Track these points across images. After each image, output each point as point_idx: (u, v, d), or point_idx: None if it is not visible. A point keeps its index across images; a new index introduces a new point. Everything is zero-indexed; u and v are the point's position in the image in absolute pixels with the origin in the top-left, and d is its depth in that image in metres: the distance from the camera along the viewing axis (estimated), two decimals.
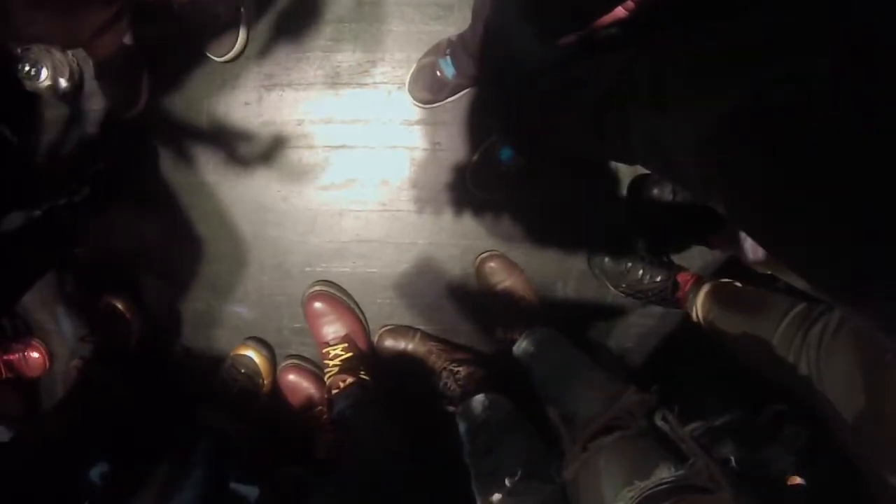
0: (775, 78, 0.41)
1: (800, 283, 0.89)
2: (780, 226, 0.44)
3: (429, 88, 1.19)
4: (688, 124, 0.53)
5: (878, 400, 0.69)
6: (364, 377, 1.23)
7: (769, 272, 1.10)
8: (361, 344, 1.30)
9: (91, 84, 1.22)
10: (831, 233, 0.38)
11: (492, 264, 1.28)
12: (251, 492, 1.24)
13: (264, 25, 1.20)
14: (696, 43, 0.54)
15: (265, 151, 1.27)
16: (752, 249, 1.00)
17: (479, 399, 1.15)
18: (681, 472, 0.64)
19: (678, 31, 0.58)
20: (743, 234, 1.02)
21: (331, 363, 1.25)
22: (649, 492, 0.63)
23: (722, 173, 0.48)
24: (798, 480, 1.18)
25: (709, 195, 0.53)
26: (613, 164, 1.28)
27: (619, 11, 0.67)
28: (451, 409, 1.21)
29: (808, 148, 0.38)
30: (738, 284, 1.15)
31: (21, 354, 1.38)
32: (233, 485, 1.22)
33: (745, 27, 0.48)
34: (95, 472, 1.19)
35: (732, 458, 1.17)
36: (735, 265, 1.20)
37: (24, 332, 1.41)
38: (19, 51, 1.19)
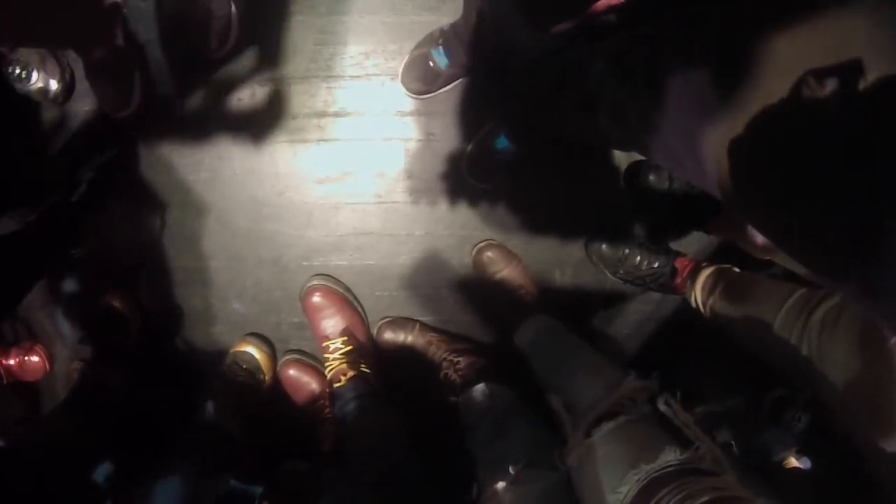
0: None
1: (800, 269, 0.89)
2: (780, 212, 0.44)
3: (422, 79, 1.18)
4: (683, 110, 0.53)
5: (879, 383, 0.69)
6: (365, 370, 1.24)
7: (768, 258, 1.10)
8: (361, 337, 1.30)
9: (83, 85, 1.21)
10: (833, 220, 0.38)
11: (489, 254, 1.28)
12: (253, 490, 1.24)
13: (256, 20, 1.19)
14: (691, 28, 0.54)
15: (259, 146, 1.26)
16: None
17: (479, 388, 1.16)
18: (686, 455, 0.65)
19: (673, 17, 0.58)
20: None
21: (331, 357, 1.25)
22: (656, 474, 0.64)
23: (720, 158, 0.48)
24: (795, 464, 1.20)
25: (706, 181, 0.52)
26: (609, 150, 1.28)
27: None
28: (452, 399, 1.21)
29: (808, 131, 0.38)
30: (737, 270, 1.15)
31: (21, 359, 1.38)
32: (232, 482, 1.22)
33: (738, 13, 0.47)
34: (100, 473, 1.19)
35: (733, 444, 1.18)
36: (733, 250, 1.20)
37: (23, 336, 1.40)
38: (9, 53, 1.17)
